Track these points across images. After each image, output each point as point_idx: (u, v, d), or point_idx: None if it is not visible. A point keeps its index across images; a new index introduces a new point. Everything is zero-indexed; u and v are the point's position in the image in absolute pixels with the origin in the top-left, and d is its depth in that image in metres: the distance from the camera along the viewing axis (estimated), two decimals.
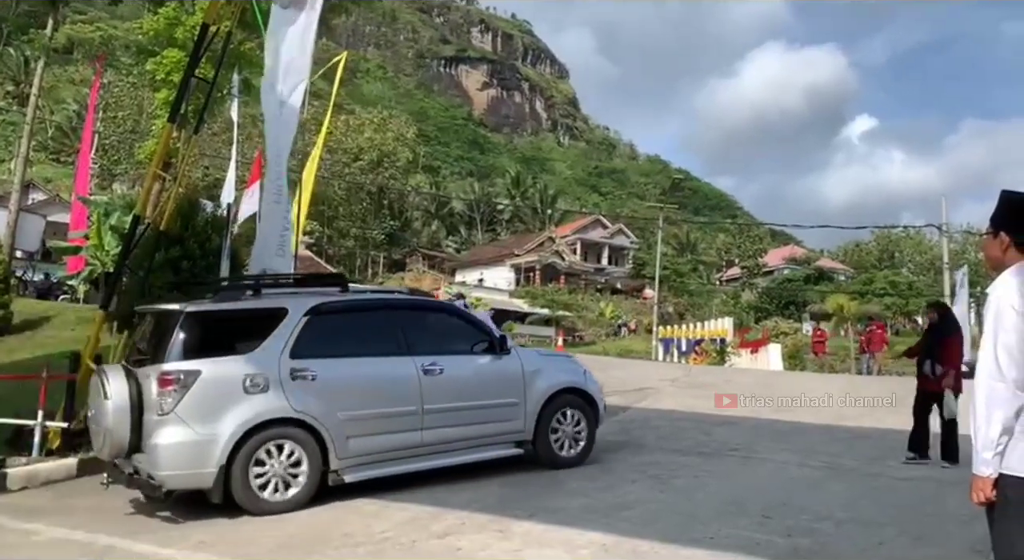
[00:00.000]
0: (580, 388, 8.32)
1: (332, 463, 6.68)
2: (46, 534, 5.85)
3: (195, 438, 6.20)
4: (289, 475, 6.49)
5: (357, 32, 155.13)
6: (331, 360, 6.93)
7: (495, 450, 7.71)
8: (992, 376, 2.95)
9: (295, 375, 6.61)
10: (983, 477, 2.96)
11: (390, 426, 7.06)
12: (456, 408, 7.42)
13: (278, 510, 6.36)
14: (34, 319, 19.03)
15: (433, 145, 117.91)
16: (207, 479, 6.21)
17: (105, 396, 6.35)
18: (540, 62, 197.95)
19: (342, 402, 6.79)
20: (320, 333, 6.93)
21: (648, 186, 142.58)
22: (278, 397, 6.49)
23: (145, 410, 6.31)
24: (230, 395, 6.36)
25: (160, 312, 7.25)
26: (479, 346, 7.92)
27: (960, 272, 26.25)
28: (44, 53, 23.62)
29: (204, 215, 10.78)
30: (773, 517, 6.17)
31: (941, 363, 8.69)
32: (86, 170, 26.95)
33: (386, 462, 7.06)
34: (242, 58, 18.49)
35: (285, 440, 6.49)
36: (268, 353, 6.62)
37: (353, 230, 64.92)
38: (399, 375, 7.20)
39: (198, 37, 9.56)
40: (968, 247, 57.51)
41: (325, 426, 6.62)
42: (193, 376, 6.24)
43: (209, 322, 6.77)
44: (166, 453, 6.17)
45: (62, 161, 61.68)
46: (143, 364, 6.70)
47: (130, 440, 6.31)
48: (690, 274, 70.05)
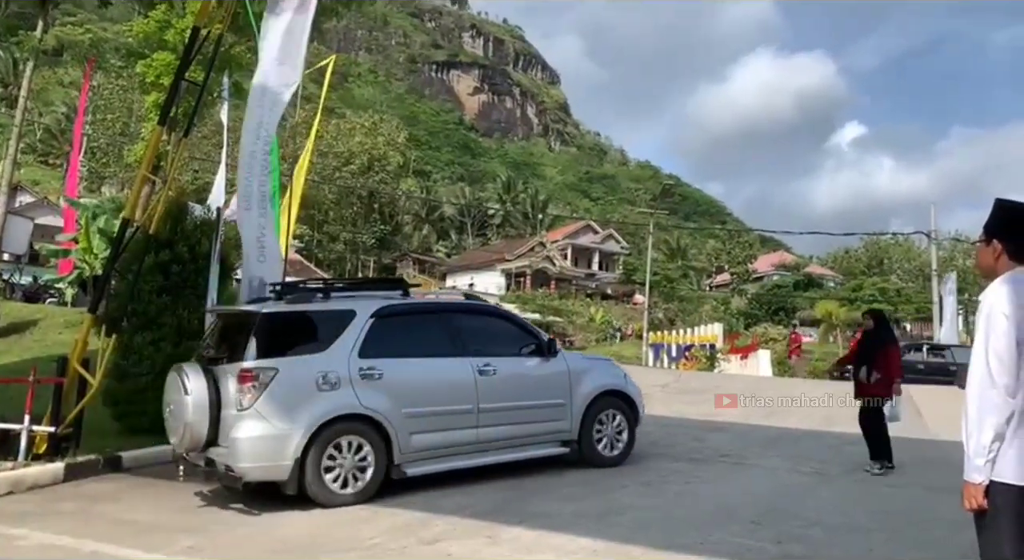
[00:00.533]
0: (621, 391, 8.74)
1: (395, 458, 7.04)
2: (32, 539, 5.80)
3: (273, 432, 6.57)
4: (357, 468, 6.85)
5: (348, 36, 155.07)
6: (395, 360, 7.31)
7: (542, 448, 8.07)
8: (984, 383, 2.96)
9: (363, 374, 7.00)
10: (975, 484, 2.96)
11: (448, 423, 7.44)
12: (508, 408, 7.81)
13: (347, 502, 6.71)
14: (21, 322, 18.91)
15: (424, 149, 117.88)
16: (284, 471, 6.58)
17: (185, 392, 6.72)
18: (531, 67, 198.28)
19: (405, 400, 7.18)
20: (384, 334, 7.32)
21: (639, 192, 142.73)
22: (348, 394, 6.88)
23: (223, 406, 6.72)
24: (305, 392, 6.75)
25: (236, 313, 7.81)
26: (528, 348, 8.32)
27: (948, 279, 26.39)
28: (33, 55, 23.47)
29: (193, 218, 10.70)
30: (763, 523, 6.17)
31: (877, 370, 8.62)
32: (75, 173, 26.89)
33: (443, 458, 7.41)
34: (233, 61, 18.44)
35: (354, 435, 6.88)
36: (338, 353, 7.02)
37: (343, 234, 64.82)
38: (457, 375, 7.60)
39: (189, 40, 9.53)
40: (956, 254, 57.93)
41: (390, 422, 7.00)
42: (271, 374, 6.61)
43: (283, 323, 7.18)
44: (246, 446, 6.55)
45: (50, 164, 61.45)
46: (217, 362, 7.09)
47: (208, 434, 6.70)
48: (680, 280, 70.23)
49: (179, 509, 6.80)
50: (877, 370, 8.62)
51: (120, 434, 9.58)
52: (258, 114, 9.67)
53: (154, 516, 6.56)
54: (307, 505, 6.79)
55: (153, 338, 9.75)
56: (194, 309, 9.91)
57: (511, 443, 7.87)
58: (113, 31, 61.45)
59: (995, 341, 2.96)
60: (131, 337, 9.73)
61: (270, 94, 9.53)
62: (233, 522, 6.35)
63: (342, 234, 64.72)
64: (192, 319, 9.87)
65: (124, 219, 9.22)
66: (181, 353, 9.73)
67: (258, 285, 10.23)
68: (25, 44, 23.61)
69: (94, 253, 22.20)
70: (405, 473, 7.11)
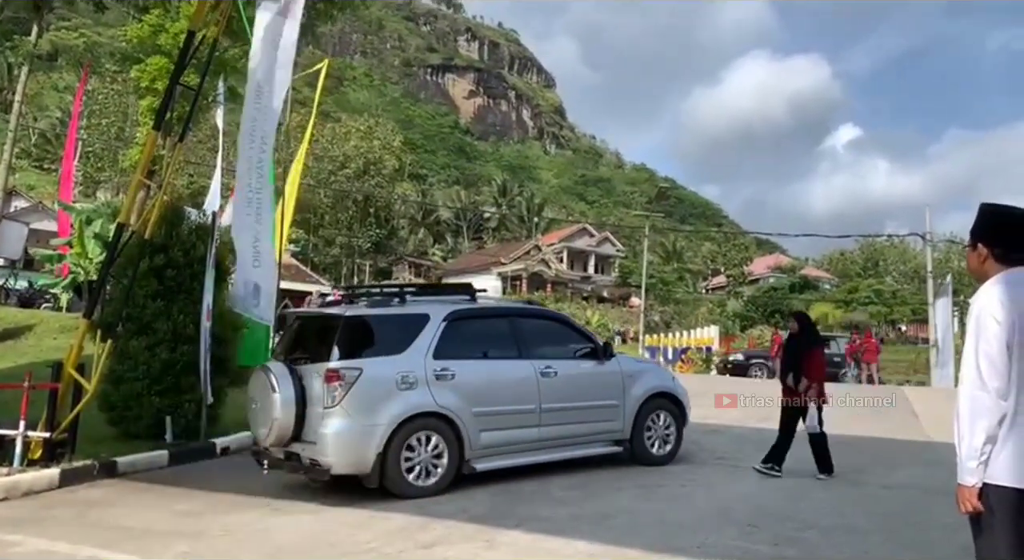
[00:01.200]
0: (671, 392, 9.10)
1: (466, 453, 7.44)
2: (28, 545, 5.78)
3: (358, 428, 6.99)
4: (432, 463, 7.27)
5: (344, 40, 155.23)
6: (465, 361, 7.73)
7: (597, 447, 8.47)
8: (975, 385, 2.97)
9: (438, 374, 7.42)
10: (968, 486, 2.97)
11: (513, 422, 7.85)
12: (567, 408, 8.19)
13: (424, 494, 7.12)
14: (16, 327, 18.88)
15: (419, 153, 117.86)
16: (367, 465, 6.99)
17: (273, 390, 7.13)
18: (527, 71, 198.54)
19: (475, 399, 7.58)
20: (455, 337, 7.75)
21: (634, 195, 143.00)
22: (424, 393, 7.30)
23: (308, 403, 7.12)
24: (386, 391, 7.17)
25: (321, 316, 8.52)
26: (584, 351, 8.74)
27: (943, 281, 26.44)
28: (28, 60, 23.45)
29: (189, 223, 10.68)
30: (760, 526, 6.18)
31: (803, 375, 8.36)
32: (69, 177, 26.84)
33: (508, 454, 7.82)
34: (227, 65, 18.44)
35: (430, 432, 7.29)
36: (415, 354, 7.44)
37: (339, 238, 64.80)
38: (521, 376, 8.01)
39: (184, 44, 9.52)
40: (952, 256, 58.03)
41: (462, 420, 7.41)
42: (356, 374, 7.03)
43: (364, 326, 7.61)
44: (334, 441, 6.95)
45: (45, 168, 61.34)
46: (299, 362, 7.49)
47: (294, 429, 7.12)
48: (676, 282, 70.36)
49: (174, 514, 6.78)
50: (803, 376, 8.35)
51: (115, 439, 9.56)
52: (252, 119, 9.67)
53: (149, 521, 6.54)
54: (304, 510, 6.80)
55: (148, 343, 9.73)
56: (189, 314, 9.90)
57: (569, 441, 8.26)
58: (108, 35, 61.44)
59: (985, 344, 2.97)
60: (126, 342, 9.70)
61: (263, 99, 9.53)
62: (230, 527, 6.34)
63: (338, 238, 64.70)
64: (187, 324, 9.85)
65: (119, 224, 9.20)
66: (176, 358, 9.74)
67: (253, 289, 10.22)
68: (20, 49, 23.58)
69: (89, 258, 22.15)
70: (475, 468, 7.51)
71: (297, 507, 6.95)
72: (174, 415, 9.60)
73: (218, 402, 10.17)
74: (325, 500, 7.16)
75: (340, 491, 7.55)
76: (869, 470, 8.84)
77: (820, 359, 8.55)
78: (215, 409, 10.15)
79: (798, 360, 8.49)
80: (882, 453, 10.09)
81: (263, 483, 7.92)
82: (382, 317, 7.75)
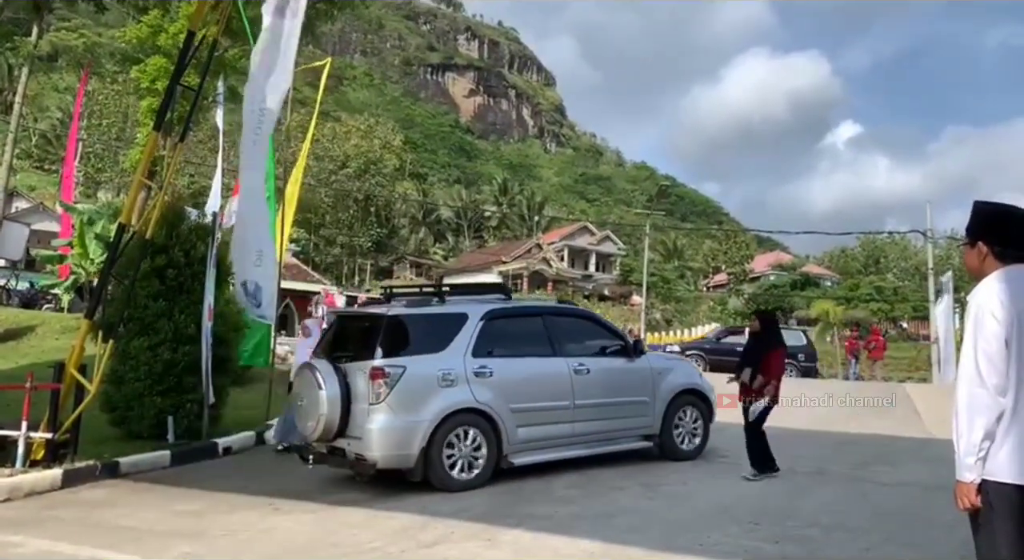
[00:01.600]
0: (698, 389, 9.32)
1: (504, 448, 7.68)
2: (30, 546, 5.79)
3: (403, 424, 7.22)
4: (472, 457, 7.50)
5: (344, 39, 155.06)
6: (502, 359, 7.94)
7: (627, 442, 8.68)
8: (973, 382, 2.98)
9: (477, 372, 7.64)
10: (967, 483, 2.98)
11: (548, 418, 8.07)
12: (600, 404, 8.39)
13: (465, 487, 7.35)
14: (18, 328, 18.89)
15: (420, 152, 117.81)
16: (411, 460, 7.22)
17: (319, 387, 7.35)
18: (527, 69, 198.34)
19: (512, 396, 7.80)
20: (492, 335, 7.97)
21: (635, 193, 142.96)
22: (464, 390, 7.53)
23: (353, 400, 7.36)
24: (429, 388, 7.41)
25: (362, 315, 8.75)
26: (615, 349, 8.94)
27: (944, 277, 26.41)
28: (29, 61, 23.45)
29: (189, 223, 10.69)
30: (761, 524, 6.19)
31: (761, 373, 8.29)
32: (70, 178, 26.84)
33: (543, 449, 8.03)
34: (227, 65, 18.43)
35: (470, 427, 7.51)
36: (455, 352, 7.67)
37: (340, 238, 64.81)
38: (555, 374, 8.23)
39: (184, 44, 9.52)
40: (953, 252, 57.96)
41: (500, 416, 7.65)
42: (400, 371, 7.25)
43: (406, 325, 7.77)
44: (379, 436, 7.16)
45: (46, 169, 61.40)
46: (342, 360, 7.67)
47: (339, 425, 7.35)
48: (677, 280, 70.32)
49: (176, 514, 6.79)
50: (761, 374, 8.28)
51: (118, 440, 9.57)
52: (254, 120, 9.68)
53: (152, 522, 6.55)
54: (305, 510, 6.81)
55: (150, 343, 9.74)
56: (190, 314, 9.91)
57: (601, 437, 8.47)
58: (108, 36, 61.39)
59: (984, 341, 2.98)
60: (128, 342, 9.72)
61: (265, 100, 9.54)
62: (231, 527, 6.35)
63: (339, 237, 64.71)
64: (189, 324, 9.87)
65: (120, 224, 9.21)
66: (178, 358, 9.75)
67: (254, 289, 10.24)
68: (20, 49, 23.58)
69: (90, 258, 22.17)
70: (512, 463, 7.74)
71: (299, 507, 6.95)
72: (176, 415, 9.62)
73: (220, 402, 10.18)
74: (327, 500, 7.17)
75: (342, 491, 7.58)
76: (871, 468, 8.84)
77: (780, 360, 8.48)
78: (217, 409, 10.17)
79: (758, 359, 8.42)
80: (884, 450, 10.09)
81: (264, 483, 7.95)
82: (423, 316, 7.98)
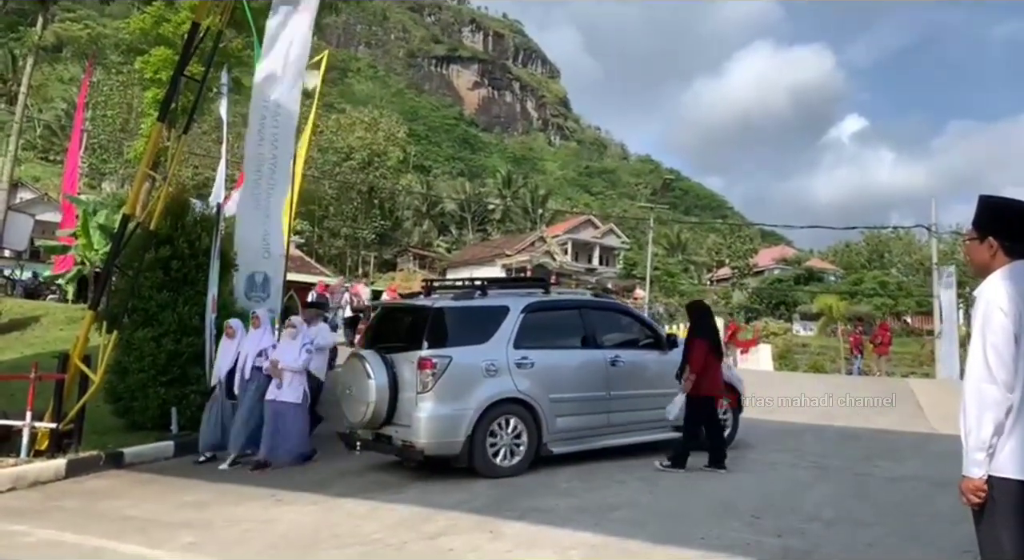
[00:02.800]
0: (728, 381, 9.25)
1: (544, 437, 7.93)
2: (35, 536, 5.81)
3: (449, 413, 7.48)
4: (513, 445, 7.76)
5: (348, 31, 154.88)
6: (542, 350, 8.16)
7: (658, 433, 8.77)
8: (982, 378, 2.96)
9: (518, 362, 7.89)
10: (974, 478, 2.96)
11: (586, 408, 8.32)
12: (633, 395, 8.63)
13: (507, 474, 7.60)
14: (22, 319, 18.93)
15: (424, 144, 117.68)
16: (456, 447, 7.49)
17: (368, 376, 7.65)
18: (531, 62, 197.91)
19: (551, 386, 8.06)
20: (532, 327, 8.19)
21: (639, 186, 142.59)
22: (507, 381, 7.79)
23: (400, 389, 7.63)
24: (473, 378, 7.66)
25: (409, 307, 8.91)
26: (648, 342, 9.23)
27: (948, 272, 26.33)
28: (33, 51, 23.47)
29: (193, 214, 10.70)
30: (763, 518, 6.18)
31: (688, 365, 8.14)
32: (74, 169, 26.82)
33: (580, 439, 8.29)
34: (231, 56, 18.42)
35: (512, 416, 7.77)
36: (498, 343, 7.92)
37: (344, 230, 64.73)
38: (592, 365, 8.49)
39: (188, 35, 9.52)
40: (957, 247, 57.78)
41: (540, 405, 7.91)
42: (447, 361, 7.51)
43: (451, 317, 7.96)
44: (427, 424, 7.42)
45: (50, 160, 61.32)
46: (391, 351, 7.87)
47: (387, 413, 7.62)
48: (681, 274, 70.18)
49: (181, 505, 6.82)
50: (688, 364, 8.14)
51: (121, 430, 9.61)
52: (261, 114, 9.66)
53: (156, 512, 6.58)
54: (308, 502, 6.82)
55: (154, 334, 9.77)
56: (194, 305, 9.92)
57: (634, 427, 8.72)
58: (112, 27, 61.32)
59: (992, 336, 2.96)
60: (132, 333, 9.75)
61: (273, 95, 9.51)
62: (235, 518, 6.37)
63: (342, 230, 64.62)
64: (192, 315, 9.89)
65: (124, 215, 9.23)
66: (182, 349, 9.77)
67: (262, 280, 10.26)
68: (25, 40, 23.61)
69: (95, 249, 22.21)
70: (551, 451, 7.99)
71: (302, 498, 6.98)
72: (179, 406, 9.65)
73: None
74: (329, 491, 7.19)
75: (345, 483, 7.60)
76: (874, 462, 8.83)
77: (700, 351, 8.08)
78: None
79: (686, 350, 8.27)
80: (887, 446, 10.08)
81: (267, 475, 7.98)
82: (467, 309, 8.19)
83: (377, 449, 8.04)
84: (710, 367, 8.14)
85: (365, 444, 8.06)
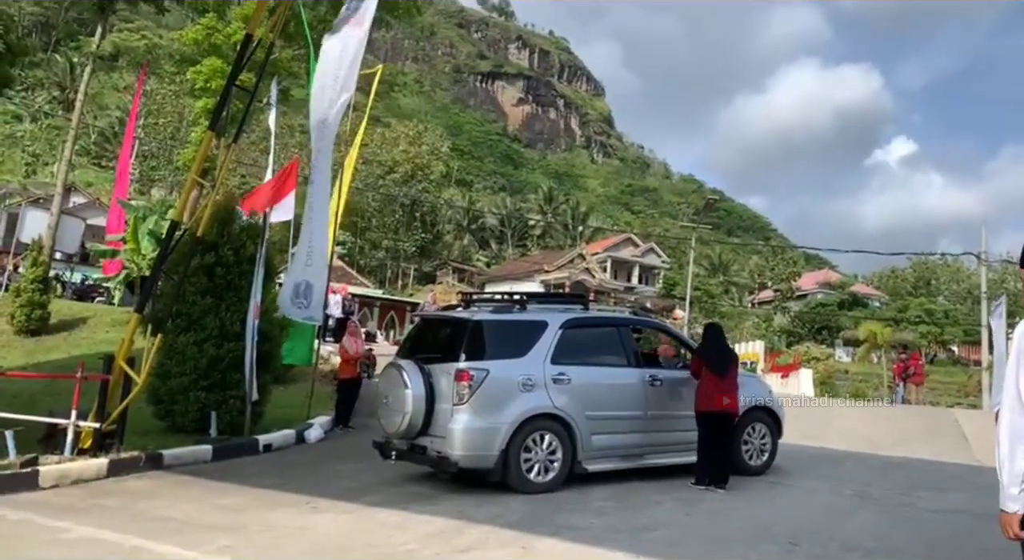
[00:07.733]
0: (768, 406, 9.32)
1: (579, 454, 7.85)
2: (76, 532, 5.91)
3: (484, 425, 7.46)
4: (548, 461, 7.69)
5: (396, 46, 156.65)
6: (580, 367, 8.10)
7: (695, 455, 8.43)
8: (1015, 411, 2.90)
9: (555, 378, 7.84)
10: (1010, 513, 2.88)
11: (623, 427, 8.26)
12: (670, 416, 8.55)
13: (540, 490, 7.54)
14: (71, 320, 19.38)
15: (467, 159, 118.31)
16: (491, 461, 7.45)
17: (405, 386, 7.68)
18: (576, 79, 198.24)
19: (588, 403, 7.99)
20: (571, 343, 8.13)
21: (681, 205, 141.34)
22: (543, 396, 7.74)
23: (436, 400, 7.63)
24: (510, 391, 7.62)
25: (448, 319, 8.78)
26: (687, 362, 8.98)
27: (998, 302, 25.71)
28: (91, 60, 24.10)
29: (240, 222, 10.88)
30: (800, 544, 6.07)
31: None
32: (126, 175, 27.39)
33: (615, 458, 8.21)
34: (281, 68, 18.73)
35: (547, 432, 7.71)
36: (535, 358, 7.89)
37: (385, 242, 65.25)
38: (630, 383, 8.41)
39: (241, 46, 9.70)
40: (1008, 276, 56.43)
41: (576, 422, 7.84)
42: (484, 374, 7.50)
43: (490, 330, 7.93)
44: (462, 436, 7.42)
45: (103, 166, 62.75)
46: (429, 362, 7.89)
47: (422, 423, 7.63)
48: (721, 295, 69.50)
49: (216, 508, 6.89)
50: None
51: (162, 432, 9.76)
52: (319, 128, 9.75)
53: (192, 514, 6.66)
54: (342, 510, 6.85)
55: (196, 339, 9.93)
56: (237, 311, 10.07)
57: (671, 448, 8.59)
58: (168, 38, 62.81)
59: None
60: (175, 337, 9.92)
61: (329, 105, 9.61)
62: (269, 523, 6.42)
63: (384, 241, 65.15)
64: (235, 321, 10.03)
65: (173, 221, 9.41)
66: (223, 354, 9.91)
67: (304, 289, 10.37)
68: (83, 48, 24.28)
69: (142, 254, 22.69)
70: (586, 469, 7.90)
71: (336, 507, 7.00)
72: (219, 411, 9.78)
73: (262, 399, 10.32)
74: (363, 500, 7.22)
75: (379, 493, 7.62)
76: (916, 493, 8.62)
77: (695, 366, 8.46)
78: (259, 406, 10.30)
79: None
80: (930, 476, 9.84)
81: (303, 482, 8.03)
82: (505, 322, 8.17)
83: (412, 459, 8.03)
84: (702, 383, 8.30)
85: (400, 454, 8.07)
